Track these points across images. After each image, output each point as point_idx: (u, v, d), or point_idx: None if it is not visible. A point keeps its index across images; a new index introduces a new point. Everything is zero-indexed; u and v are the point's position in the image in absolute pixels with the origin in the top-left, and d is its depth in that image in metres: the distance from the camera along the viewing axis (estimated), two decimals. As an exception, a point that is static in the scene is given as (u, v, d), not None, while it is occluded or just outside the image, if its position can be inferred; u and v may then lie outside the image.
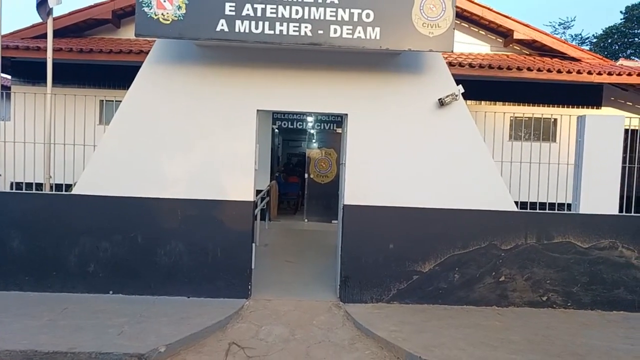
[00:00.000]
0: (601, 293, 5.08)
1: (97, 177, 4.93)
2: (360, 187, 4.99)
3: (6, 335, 3.84)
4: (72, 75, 8.59)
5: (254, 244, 5.19)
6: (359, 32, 4.43)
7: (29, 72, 8.72)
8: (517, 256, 5.05)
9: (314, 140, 11.40)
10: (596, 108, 9.44)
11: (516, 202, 5.14)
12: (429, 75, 5.01)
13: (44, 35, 6.23)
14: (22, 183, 5.24)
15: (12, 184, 5.51)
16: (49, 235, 4.91)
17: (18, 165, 5.25)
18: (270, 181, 10.20)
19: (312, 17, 4.40)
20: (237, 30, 4.39)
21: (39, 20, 6.64)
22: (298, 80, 4.97)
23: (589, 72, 8.33)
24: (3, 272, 4.89)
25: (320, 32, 4.42)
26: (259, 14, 4.38)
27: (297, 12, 4.38)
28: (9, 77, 9.43)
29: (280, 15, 4.39)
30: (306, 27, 4.40)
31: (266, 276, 5.80)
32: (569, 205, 5.38)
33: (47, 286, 4.91)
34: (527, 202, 5.33)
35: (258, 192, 6.46)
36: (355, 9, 4.41)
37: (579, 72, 8.33)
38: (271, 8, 4.38)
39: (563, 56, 9.34)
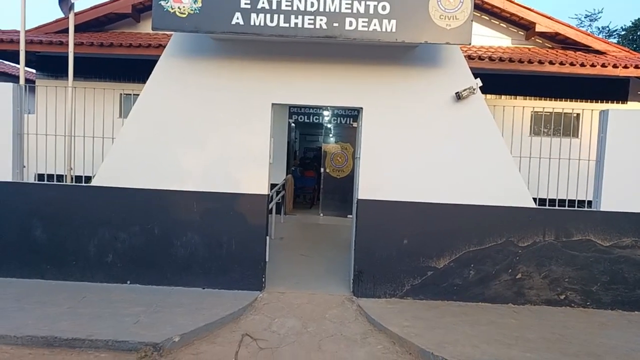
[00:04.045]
0: (622, 293, 4.95)
1: (115, 169, 5.03)
2: (375, 182, 4.96)
3: (29, 321, 3.97)
4: (93, 68, 8.77)
5: (268, 237, 5.22)
6: (375, 25, 4.38)
7: (52, 66, 8.94)
8: (535, 253, 4.95)
9: (330, 135, 11.38)
10: (622, 103, 9.15)
11: (536, 199, 5.04)
12: (446, 68, 4.93)
13: (67, 30, 6.36)
14: (44, 174, 5.37)
15: (35, 175, 5.65)
16: (70, 226, 5.04)
17: (41, 157, 5.39)
18: (286, 175, 10.23)
19: (327, 10, 4.36)
20: (252, 23, 4.39)
21: (62, 15, 6.76)
22: (313, 74, 4.95)
23: (614, 66, 8.06)
24: (26, 261, 5.05)
25: (336, 24, 4.38)
26: (274, 6, 4.37)
27: (312, 4, 4.36)
28: (33, 71, 9.66)
29: (295, 8, 4.37)
30: (321, 19, 4.37)
31: (280, 269, 5.84)
32: (589, 203, 5.24)
33: (68, 275, 5.04)
34: (546, 199, 5.22)
35: (273, 185, 6.49)
36: (371, 1, 4.36)
37: (603, 65, 8.07)
38: (286, 1, 4.36)
39: (587, 49, 9.06)
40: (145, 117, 5.02)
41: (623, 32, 21.65)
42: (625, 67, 8.08)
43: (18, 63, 5.83)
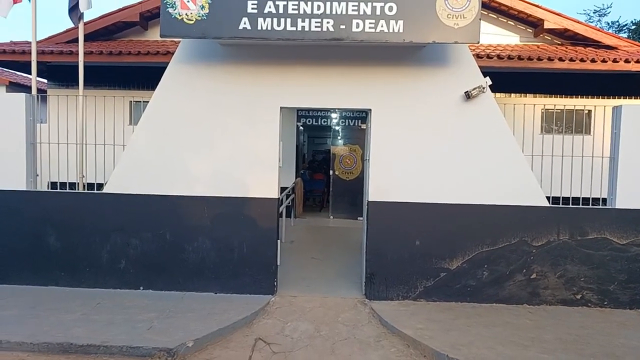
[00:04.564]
0: (640, 291, 4.86)
1: (126, 176, 5.07)
2: (385, 183, 4.94)
3: (44, 328, 4.01)
4: (103, 77, 8.87)
5: (279, 241, 5.22)
6: (382, 26, 4.37)
7: (63, 75, 9.05)
8: (549, 253, 4.88)
9: (339, 137, 11.37)
10: (634, 98, 9.00)
11: (549, 197, 4.97)
12: (454, 67, 4.90)
13: (77, 40, 6.45)
14: (57, 182, 5.44)
15: (48, 183, 5.72)
16: (82, 233, 5.08)
17: (54, 165, 5.45)
18: (296, 178, 10.23)
19: (334, 12, 4.36)
20: (259, 28, 4.40)
21: (72, 25, 6.85)
22: (321, 77, 4.95)
23: (626, 61, 7.95)
24: (40, 268, 5.10)
25: (343, 27, 4.38)
26: (280, 10, 4.38)
27: (318, 7, 4.36)
28: (45, 81, 9.80)
29: (302, 12, 4.37)
30: (328, 22, 4.37)
31: (292, 273, 5.82)
32: (604, 200, 5.15)
33: (81, 281, 5.09)
34: (559, 197, 5.15)
35: (283, 189, 6.49)
36: (377, 2, 4.35)
37: (614, 60, 7.95)
38: (293, 4, 4.37)
39: (597, 45, 8.94)
40: (155, 124, 5.06)
41: (633, 27, 21.37)
42: (638, 61, 7.96)
43: (30, 73, 5.92)
